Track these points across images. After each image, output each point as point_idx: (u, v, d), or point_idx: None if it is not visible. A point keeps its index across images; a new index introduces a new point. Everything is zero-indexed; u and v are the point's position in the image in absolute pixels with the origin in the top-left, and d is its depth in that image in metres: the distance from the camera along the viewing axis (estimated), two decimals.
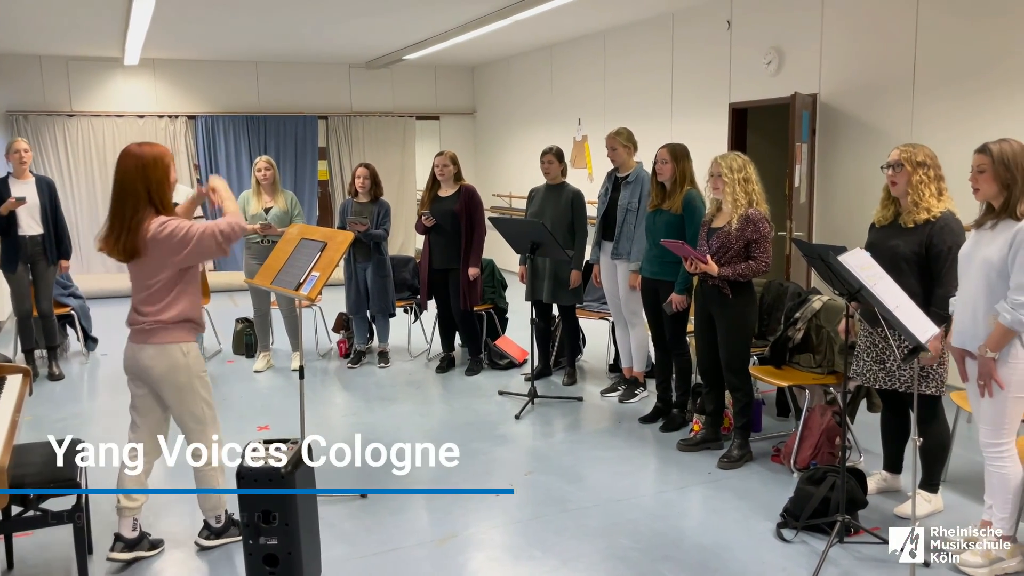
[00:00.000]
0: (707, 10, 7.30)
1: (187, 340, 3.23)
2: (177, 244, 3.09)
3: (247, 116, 10.74)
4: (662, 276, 4.73)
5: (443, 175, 5.91)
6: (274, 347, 6.84)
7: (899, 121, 5.64)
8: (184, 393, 3.24)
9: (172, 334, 3.19)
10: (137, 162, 3.13)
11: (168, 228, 3.08)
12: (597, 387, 5.74)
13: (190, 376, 3.24)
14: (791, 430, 4.71)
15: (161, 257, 3.11)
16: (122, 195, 3.13)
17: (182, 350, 3.21)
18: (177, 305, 3.18)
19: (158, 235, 3.07)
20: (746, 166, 4.16)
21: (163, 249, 3.09)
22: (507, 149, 11.26)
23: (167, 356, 3.19)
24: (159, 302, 3.17)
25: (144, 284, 3.19)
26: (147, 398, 3.31)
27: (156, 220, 3.09)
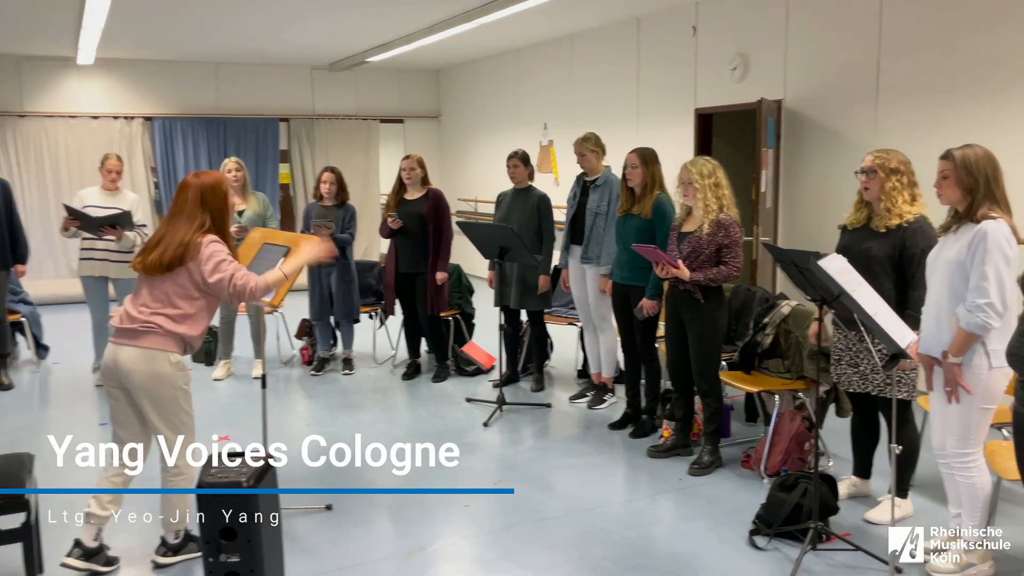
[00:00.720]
0: (673, 16, 7.32)
1: (175, 350, 3.13)
2: (205, 265, 3.08)
3: (206, 118, 10.51)
4: (633, 281, 4.70)
5: (410, 179, 5.82)
6: (234, 354, 6.67)
7: (863, 127, 5.69)
8: (165, 404, 3.14)
9: (162, 341, 3.08)
10: (196, 192, 3.18)
11: (210, 249, 3.10)
12: (566, 393, 5.68)
13: (173, 387, 3.14)
14: (760, 435, 4.71)
15: (190, 271, 3.10)
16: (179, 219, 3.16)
17: (169, 359, 3.11)
18: (180, 325, 3.12)
19: (201, 247, 3.09)
20: (716, 171, 4.14)
21: (195, 264, 3.09)
22: (472, 153, 11.19)
23: (152, 362, 3.08)
24: (166, 314, 3.09)
25: (163, 289, 3.10)
26: (124, 408, 3.19)
27: (207, 237, 3.14)
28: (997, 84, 4.85)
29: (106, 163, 5.89)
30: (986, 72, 4.91)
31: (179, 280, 3.11)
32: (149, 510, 3.33)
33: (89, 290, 5.88)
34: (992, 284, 2.83)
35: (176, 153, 10.42)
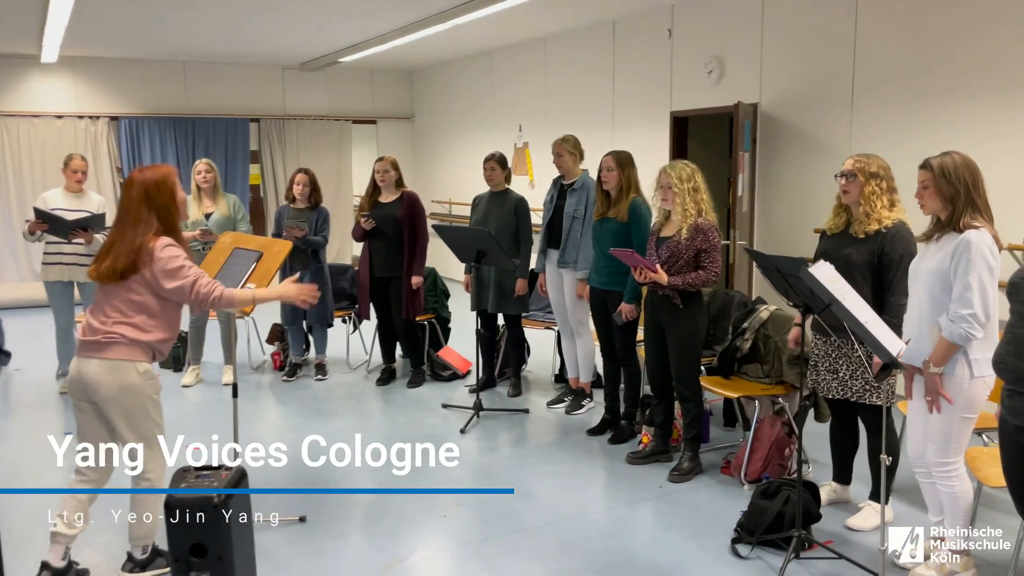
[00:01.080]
0: (648, 18, 7.30)
1: (142, 359, 3.01)
2: (165, 273, 2.95)
3: (174, 118, 10.30)
4: (611, 286, 4.65)
5: (384, 181, 5.72)
6: (204, 360, 6.52)
7: (839, 131, 5.70)
8: (134, 415, 3.01)
9: (128, 351, 2.95)
10: (140, 190, 3.01)
11: (167, 254, 2.96)
12: (543, 398, 5.62)
13: (143, 397, 3.02)
14: (739, 440, 4.69)
15: (147, 278, 2.96)
16: (125, 222, 3.01)
17: (136, 369, 2.98)
18: (146, 333, 2.98)
19: (156, 253, 2.95)
20: (695, 175, 4.11)
21: (153, 271, 2.95)
22: (446, 155, 11.10)
23: (119, 374, 2.95)
24: (128, 322, 2.95)
25: (120, 297, 2.97)
26: (92, 421, 3.06)
27: (161, 241, 2.98)
28: (973, 89, 4.88)
29: (71, 164, 5.72)
30: (962, 77, 4.94)
31: (136, 287, 2.98)
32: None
33: (54, 295, 5.71)
34: (976, 294, 2.82)
35: (143, 153, 10.19)
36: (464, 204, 10.18)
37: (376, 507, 3.96)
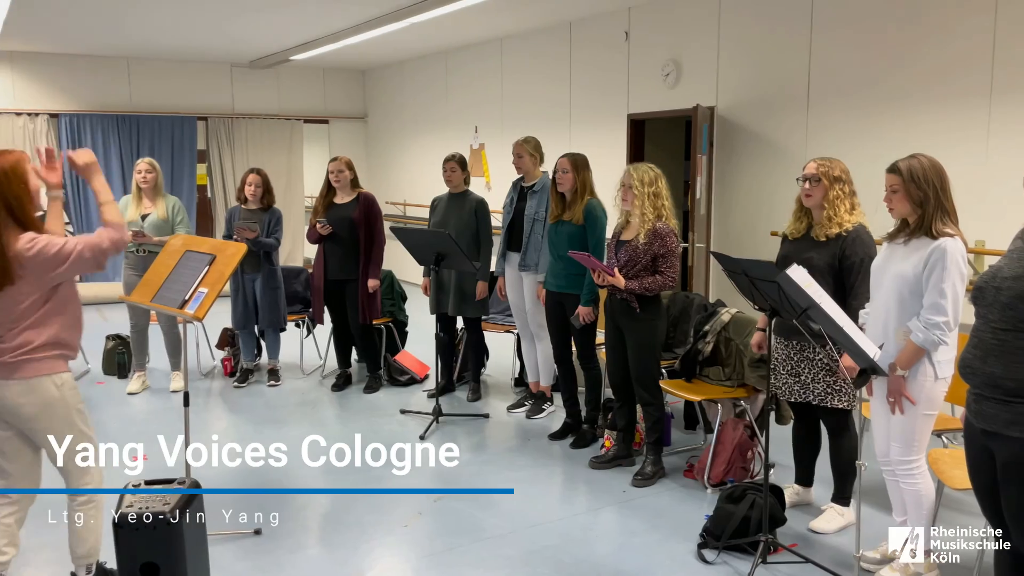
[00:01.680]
0: (605, 20, 7.29)
1: (60, 370, 2.81)
2: (50, 262, 2.70)
3: (118, 115, 9.97)
4: (567, 289, 4.61)
5: (339, 181, 5.59)
6: (150, 366, 6.30)
7: (795, 134, 5.76)
8: (62, 432, 2.82)
9: (42, 365, 2.75)
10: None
11: (38, 245, 2.69)
12: (503, 403, 5.56)
13: (68, 411, 2.82)
14: (700, 443, 4.70)
15: (32, 278, 2.72)
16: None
17: (55, 382, 2.78)
18: (47, 328, 2.76)
19: (26, 253, 2.68)
20: (658, 180, 4.09)
21: (35, 269, 2.70)
22: (401, 156, 10.96)
23: (38, 392, 2.75)
24: (25, 327, 2.74)
25: (8, 309, 2.74)
26: (13, 440, 2.86)
27: (23, 238, 2.70)
28: (927, 95, 4.97)
29: None
30: (915, 83, 5.03)
31: (21, 294, 2.71)
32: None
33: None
34: (949, 302, 2.84)
35: None
36: (419, 205, 10.06)
37: (335, 518, 3.85)
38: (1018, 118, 4.50)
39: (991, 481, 2.39)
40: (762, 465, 4.13)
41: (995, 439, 2.31)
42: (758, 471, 4.12)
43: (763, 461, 4.12)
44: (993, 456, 2.35)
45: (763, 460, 4.13)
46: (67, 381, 2.83)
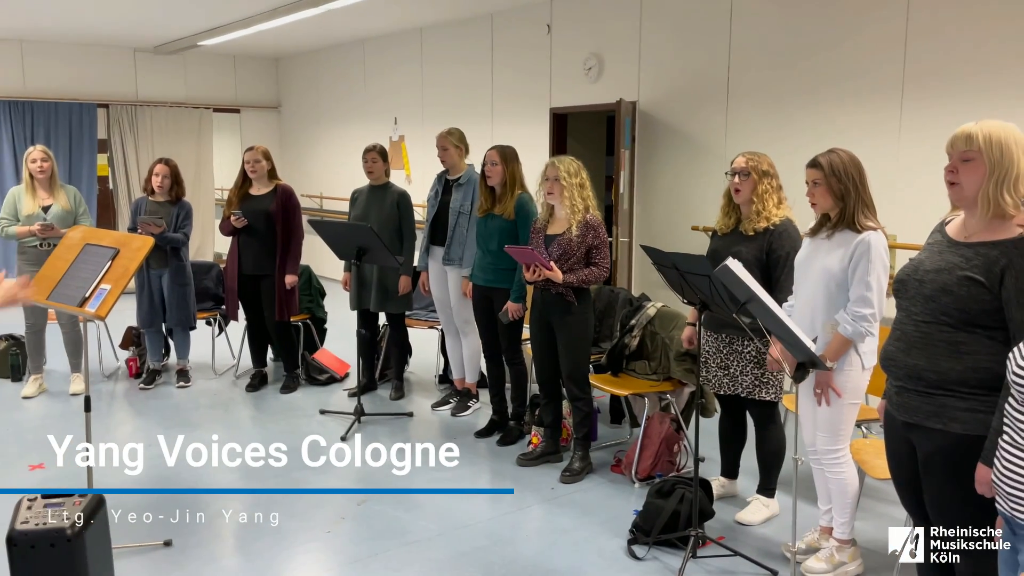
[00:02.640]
0: (527, 13, 7.23)
1: None
2: None
3: (10, 101, 9.31)
4: (496, 283, 4.53)
5: (255, 172, 5.35)
6: (47, 367, 5.90)
7: (714, 130, 5.84)
8: None
9: None
10: None
11: None
12: (427, 400, 5.43)
13: None
14: (626, 437, 4.69)
15: None
16: None
17: None
18: None
19: None
20: (581, 171, 4.05)
21: None
22: (317, 147, 10.65)
23: None
24: None
25: None
26: None
27: None
28: (842, 89, 5.09)
29: None
30: (831, 76, 5.14)
31: None
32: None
33: None
34: (875, 294, 2.89)
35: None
36: (336, 199, 9.79)
37: (252, 526, 3.65)
38: (929, 113, 4.65)
39: (912, 474, 2.41)
40: (688, 458, 4.17)
41: (917, 431, 2.33)
42: (684, 464, 4.14)
43: (691, 454, 4.16)
44: (914, 448, 2.37)
45: (691, 453, 4.16)
46: None
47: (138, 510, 3.54)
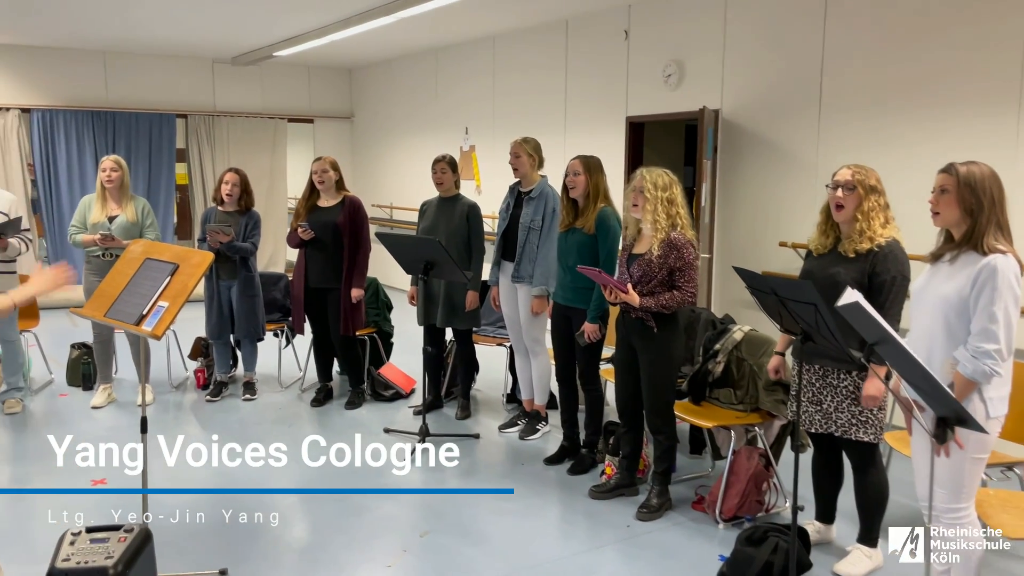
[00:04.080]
0: (604, 18, 6.97)
1: None
2: None
3: (93, 111, 9.54)
4: (575, 303, 4.27)
5: (323, 183, 5.23)
6: (117, 376, 5.91)
7: (805, 139, 5.46)
8: None
9: None
10: None
11: None
12: (494, 421, 5.20)
13: None
14: (707, 470, 4.37)
15: None
16: None
17: None
18: None
19: None
20: (672, 186, 3.75)
21: None
22: (388, 157, 10.60)
23: None
24: None
25: None
26: None
27: None
28: (953, 98, 4.67)
29: None
30: (941, 84, 4.72)
31: None
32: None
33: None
34: (1001, 328, 2.50)
35: (57, 149, 9.41)
36: (405, 209, 9.71)
37: (310, 555, 3.49)
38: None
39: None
40: (778, 497, 3.83)
41: None
42: (773, 504, 3.79)
43: (781, 493, 3.82)
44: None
45: (781, 492, 3.82)
46: None
47: (190, 537, 3.44)
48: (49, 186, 9.40)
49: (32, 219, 9.38)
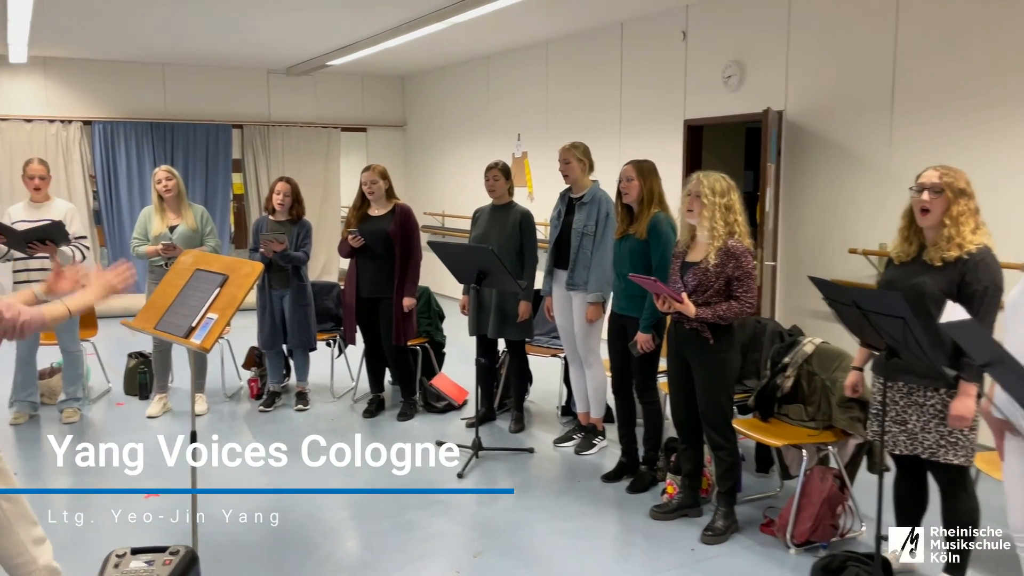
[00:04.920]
0: (660, 20, 6.78)
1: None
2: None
3: (152, 123, 9.71)
4: (630, 312, 4.10)
5: (372, 192, 5.15)
6: (173, 386, 5.92)
7: (876, 140, 5.18)
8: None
9: None
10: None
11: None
12: (549, 435, 5.05)
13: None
14: (775, 490, 4.14)
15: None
16: None
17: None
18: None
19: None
20: (731, 192, 3.56)
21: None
22: (440, 165, 10.54)
23: None
24: None
25: None
26: None
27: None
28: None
29: (27, 169, 5.15)
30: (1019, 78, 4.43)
31: None
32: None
33: None
34: None
35: (118, 160, 9.59)
36: (458, 216, 9.63)
37: (362, 572, 3.39)
38: None
39: None
40: (853, 521, 3.59)
41: None
42: (848, 528, 3.56)
43: (856, 516, 3.59)
44: None
45: (856, 515, 3.59)
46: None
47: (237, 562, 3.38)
48: (110, 197, 9.58)
49: (94, 230, 9.58)
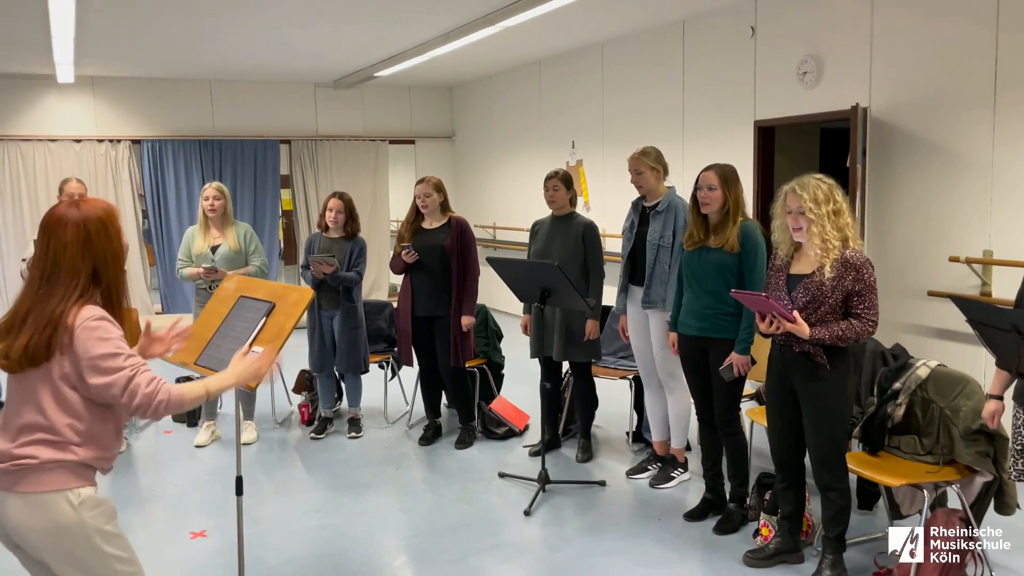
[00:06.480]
0: (726, 15, 6.37)
1: (77, 485, 2.06)
2: (88, 361, 2.02)
3: (200, 140, 9.59)
4: (714, 333, 3.70)
5: (427, 206, 4.85)
6: (222, 412, 5.70)
7: (976, 137, 4.69)
8: (83, 561, 2.05)
9: (51, 479, 2.03)
10: (79, 231, 2.09)
11: (94, 331, 2.03)
12: (620, 465, 4.66)
13: (87, 536, 2.04)
14: (883, 531, 3.67)
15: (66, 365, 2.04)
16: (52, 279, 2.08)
17: (69, 500, 2.03)
18: (85, 444, 2.06)
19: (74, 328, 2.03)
20: (833, 193, 3.14)
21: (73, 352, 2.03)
22: (490, 175, 10.23)
23: (45, 512, 2.02)
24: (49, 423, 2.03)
25: (31, 391, 2.05)
26: (32, 562, 2.13)
27: (86, 311, 2.05)
28: None
29: (65, 188, 4.97)
30: None
31: (53, 378, 2.04)
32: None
33: None
34: None
35: (167, 178, 9.49)
36: (511, 229, 9.30)
37: None
38: None
39: None
40: (984, 569, 3.13)
41: None
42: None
43: (987, 565, 3.12)
44: None
45: (987, 563, 3.12)
46: (89, 497, 2.06)
47: None
48: (159, 216, 9.47)
49: (143, 249, 9.49)
